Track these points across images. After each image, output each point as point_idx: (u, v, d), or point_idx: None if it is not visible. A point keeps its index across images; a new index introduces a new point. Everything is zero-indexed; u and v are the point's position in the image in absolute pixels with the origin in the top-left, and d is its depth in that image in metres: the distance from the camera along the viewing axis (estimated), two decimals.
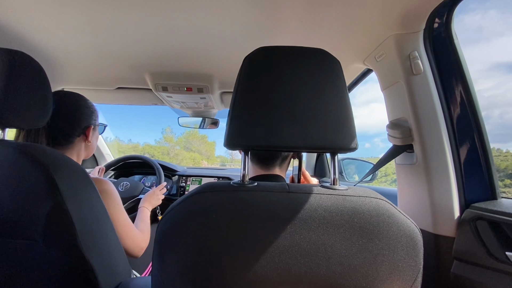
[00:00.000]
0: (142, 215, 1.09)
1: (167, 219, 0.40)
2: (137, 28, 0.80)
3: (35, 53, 0.94)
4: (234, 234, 0.37)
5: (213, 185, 0.42)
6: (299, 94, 0.43)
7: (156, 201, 1.21)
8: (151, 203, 1.18)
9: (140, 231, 0.93)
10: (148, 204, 1.16)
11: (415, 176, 0.74)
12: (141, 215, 1.08)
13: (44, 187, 0.52)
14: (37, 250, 0.52)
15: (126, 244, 0.81)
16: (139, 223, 1.02)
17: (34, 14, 0.75)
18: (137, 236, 0.86)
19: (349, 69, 1.01)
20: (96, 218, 0.60)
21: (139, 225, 1.01)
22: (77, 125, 0.77)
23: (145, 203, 1.16)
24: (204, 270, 0.37)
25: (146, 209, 1.13)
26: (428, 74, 0.71)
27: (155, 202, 1.20)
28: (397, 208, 0.41)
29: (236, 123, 0.43)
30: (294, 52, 0.45)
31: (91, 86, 1.32)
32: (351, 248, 0.37)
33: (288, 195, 0.40)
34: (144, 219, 1.06)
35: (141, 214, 1.09)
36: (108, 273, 0.59)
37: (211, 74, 1.13)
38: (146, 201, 1.17)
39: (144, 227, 1.00)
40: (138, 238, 0.86)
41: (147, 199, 1.18)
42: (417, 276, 0.39)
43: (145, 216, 1.09)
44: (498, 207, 0.62)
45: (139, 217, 1.07)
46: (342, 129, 0.43)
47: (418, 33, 0.71)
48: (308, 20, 0.74)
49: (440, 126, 0.70)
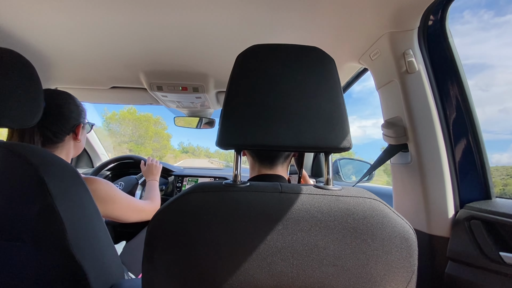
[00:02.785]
0: (150, 186, 1.15)
1: (157, 220, 0.39)
2: (131, 27, 0.79)
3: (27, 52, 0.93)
4: (224, 234, 0.36)
5: (204, 185, 0.41)
6: (292, 92, 0.42)
7: (155, 170, 1.24)
8: (153, 174, 1.22)
9: (149, 200, 1.02)
10: (152, 175, 1.21)
11: (410, 176, 0.74)
12: (149, 187, 1.14)
13: (33, 187, 0.51)
14: (26, 251, 0.52)
15: (138, 217, 0.88)
16: (148, 193, 1.10)
17: (26, 13, 0.74)
18: (146, 205, 0.93)
19: (345, 68, 1.01)
20: (88, 219, 0.59)
21: (148, 195, 1.08)
22: (67, 123, 0.77)
23: (149, 176, 1.20)
24: (194, 270, 0.36)
25: (152, 181, 1.18)
26: (422, 73, 0.71)
27: (155, 170, 1.24)
28: (391, 208, 0.41)
29: (228, 122, 0.42)
30: (288, 50, 0.45)
31: (85, 86, 1.31)
32: (344, 249, 0.37)
33: (280, 195, 0.40)
34: (151, 189, 1.13)
35: (148, 186, 1.15)
36: (100, 274, 0.58)
37: (206, 74, 1.13)
38: (149, 174, 1.21)
39: (152, 194, 1.08)
40: (147, 206, 0.93)
41: (148, 172, 1.22)
42: (411, 278, 0.39)
43: (152, 185, 1.15)
44: (492, 207, 0.62)
45: (147, 189, 1.14)
46: (335, 128, 0.42)
47: (413, 31, 0.71)
48: (303, 19, 0.74)
49: (435, 126, 0.70)
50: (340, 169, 1.55)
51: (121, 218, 0.83)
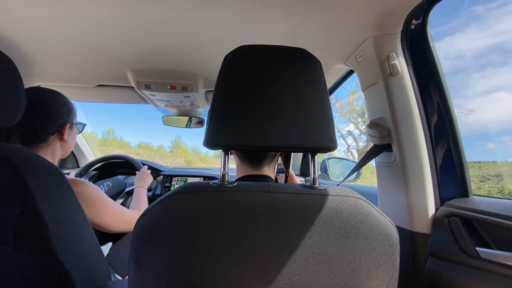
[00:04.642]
0: (138, 194, 1.11)
1: (143, 221, 0.39)
2: (118, 23, 0.77)
3: (7, 48, 0.89)
4: (212, 234, 0.37)
5: (191, 185, 0.41)
6: (279, 93, 0.43)
7: (148, 178, 1.22)
8: (145, 181, 1.19)
9: (136, 209, 0.96)
10: (143, 182, 1.18)
11: (393, 175, 0.77)
12: (137, 195, 1.10)
13: (14, 188, 0.49)
14: (8, 254, 0.50)
15: (124, 228, 0.83)
16: (135, 202, 1.05)
17: (8, 8, 0.71)
18: (133, 216, 0.87)
19: (332, 69, 1.02)
20: (72, 221, 0.58)
21: (135, 204, 1.03)
22: (52, 122, 0.74)
23: (139, 183, 1.17)
24: (182, 271, 0.36)
25: (141, 188, 1.15)
26: (405, 75, 0.73)
27: (148, 179, 1.22)
28: (374, 206, 0.42)
29: (216, 122, 0.42)
30: (275, 51, 0.45)
31: (70, 83, 1.27)
32: (329, 247, 0.38)
33: (267, 195, 0.40)
34: (140, 198, 1.09)
35: (137, 194, 1.11)
36: (86, 276, 0.57)
37: (195, 73, 1.12)
38: (140, 181, 1.18)
39: (140, 204, 1.03)
40: (134, 217, 0.87)
41: (140, 179, 1.19)
42: (393, 273, 0.40)
43: (141, 194, 1.11)
44: (469, 204, 0.65)
45: (135, 197, 1.09)
46: (321, 129, 0.43)
47: (396, 35, 0.73)
48: (291, 20, 0.75)
49: (417, 126, 0.72)
50: (328, 168, 1.58)
51: (104, 226, 0.78)
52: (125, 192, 1.35)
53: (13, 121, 0.57)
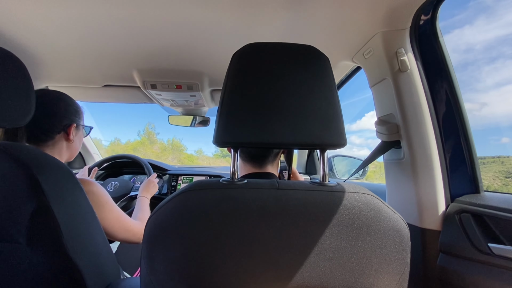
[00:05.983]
0: (140, 204, 1.10)
1: (154, 218, 0.39)
2: (124, 23, 0.78)
3: (17, 51, 0.91)
4: (223, 231, 0.37)
5: (202, 183, 0.41)
6: (288, 90, 0.43)
7: (153, 189, 1.21)
8: (149, 191, 1.18)
9: (138, 220, 0.94)
10: (146, 192, 1.17)
11: (402, 172, 0.76)
12: (140, 204, 1.09)
13: (27, 187, 0.50)
14: (21, 252, 0.51)
15: (125, 236, 0.82)
16: (138, 212, 1.03)
17: (16, 10, 0.72)
18: (135, 226, 0.85)
19: (339, 66, 1.02)
20: (83, 219, 0.58)
21: (138, 214, 1.01)
22: (58, 121, 0.75)
23: (143, 192, 1.16)
24: (194, 268, 0.36)
25: (144, 198, 1.14)
26: (414, 71, 0.72)
27: (153, 189, 1.21)
28: (385, 203, 0.42)
29: (225, 120, 0.42)
30: (283, 49, 0.45)
31: (77, 84, 1.29)
32: (340, 243, 0.37)
33: (277, 192, 0.40)
34: (143, 208, 1.07)
35: (139, 203, 1.10)
36: (96, 274, 0.58)
37: (201, 72, 1.12)
38: (144, 190, 1.17)
39: (142, 215, 1.01)
40: (136, 227, 0.85)
41: (144, 188, 1.18)
42: (404, 270, 0.40)
43: (143, 204, 1.10)
44: (481, 200, 0.64)
45: (138, 206, 1.08)
46: (330, 125, 0.43)
47: (405, 30, 0.72)
48: (298, 18, 0.74)
49: (426, 123, 0.71)
50: (334, 166, 1.57)
51: (106, 229, 0.75)
52: (129, 196, 1.34)
53: (24, 122, 0.58)
